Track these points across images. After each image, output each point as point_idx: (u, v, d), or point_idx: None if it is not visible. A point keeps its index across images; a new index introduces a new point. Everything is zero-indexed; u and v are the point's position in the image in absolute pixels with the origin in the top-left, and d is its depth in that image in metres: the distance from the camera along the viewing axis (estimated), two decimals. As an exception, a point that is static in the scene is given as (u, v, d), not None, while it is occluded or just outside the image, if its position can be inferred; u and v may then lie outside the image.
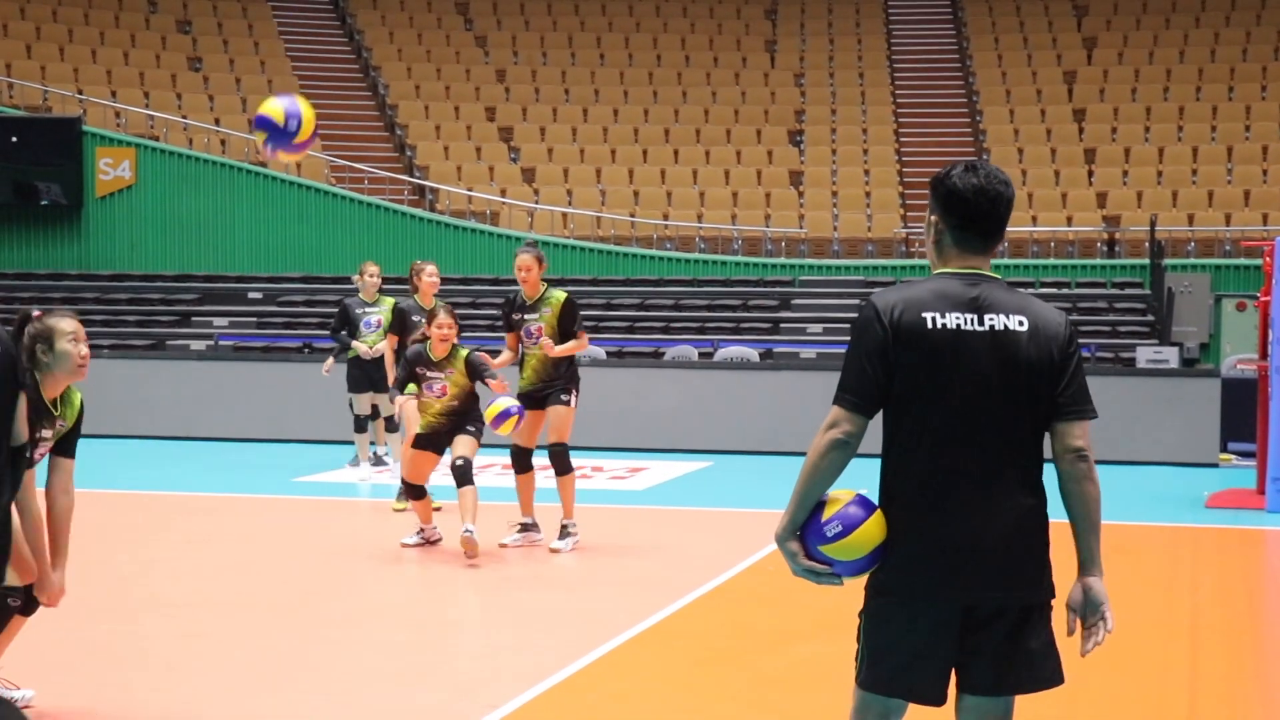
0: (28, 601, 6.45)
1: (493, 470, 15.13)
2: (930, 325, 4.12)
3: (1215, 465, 16.86)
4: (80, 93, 27.66)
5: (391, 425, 14.76)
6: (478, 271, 25.13)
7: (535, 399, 11.13)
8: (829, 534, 4.15)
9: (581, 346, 11.22)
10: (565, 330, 11.08)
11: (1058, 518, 4.25)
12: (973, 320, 4.14)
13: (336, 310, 15.06)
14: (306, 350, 21.82)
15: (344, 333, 14.69)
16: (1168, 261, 22.99)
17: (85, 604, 8.95)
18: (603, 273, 24.85)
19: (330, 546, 11.46)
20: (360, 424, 14.94)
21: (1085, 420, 4.18)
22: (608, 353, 20.50)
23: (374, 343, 14.52)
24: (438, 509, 12.45)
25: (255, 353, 20.70)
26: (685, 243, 26.09)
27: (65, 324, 6.27)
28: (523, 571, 10.38)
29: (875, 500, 4.22)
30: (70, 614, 8.27)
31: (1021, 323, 4.15)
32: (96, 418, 20.10)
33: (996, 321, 4.14)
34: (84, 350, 6.32)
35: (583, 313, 11.83)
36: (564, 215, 26.39)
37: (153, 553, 10.95)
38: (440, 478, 12.46)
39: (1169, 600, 9.90)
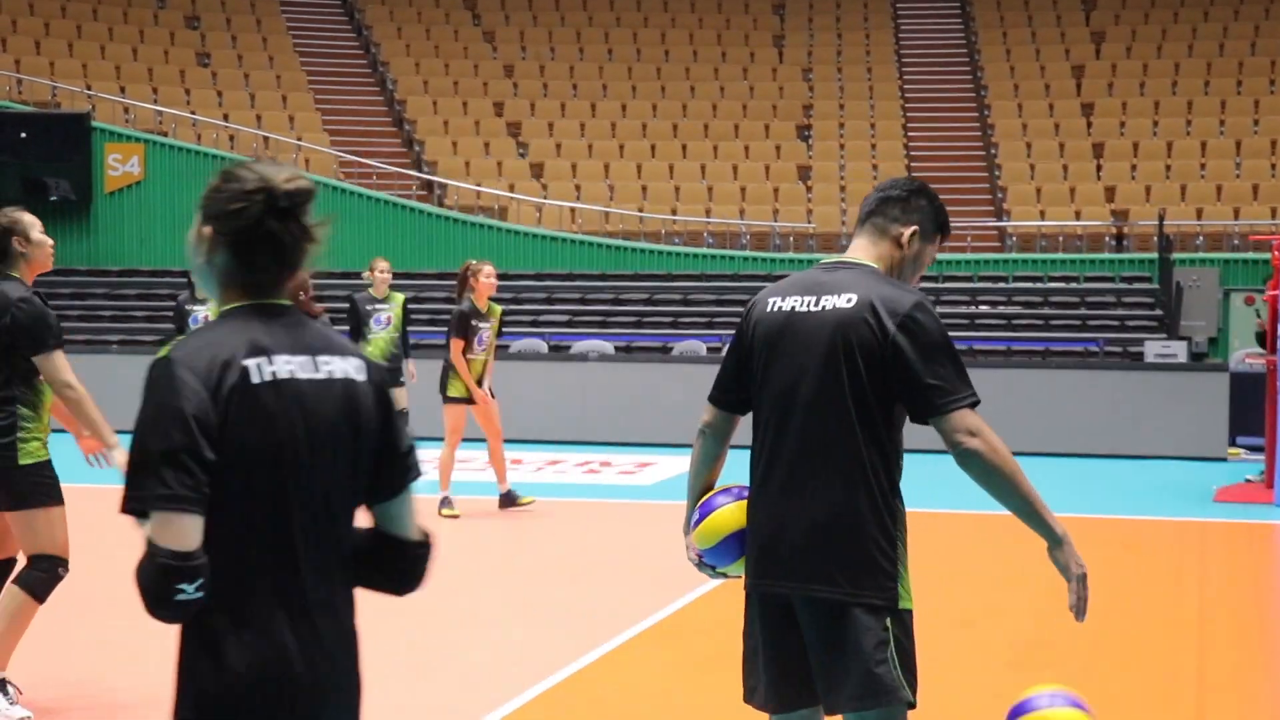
0: (43, 587, 6.50)
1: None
2: (768, 309, 4.04)
3: (1224, 459, 16.86)
4: (89, 89, 27.69)
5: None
6: (486, 267, 25.12)
7: None
8: (692, 522, 4.20)
9: None
10: None
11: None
12: (809, 303, 3.97)
13: (347, 306, 15.04)
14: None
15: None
16: (1176, 256, 22.96)
17: (91, 598, 8.97)
18: (610, 268, 24.84)
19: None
20: None
21: (951, 413, 3.81)
22: (616, 348, 20.51)
23: (386, 341, 14.52)
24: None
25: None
26: (693, 238, 26.08)
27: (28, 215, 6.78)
28: (531, 567, 10.39)
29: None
30: (75, 609, 8.30)
31: (850, 300, 3.91)
32: (105, 413, 20.04)
33: (828, 301, 3.94)
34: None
35: (592, 307, 11.87)
36: (572, 210, 26.39)
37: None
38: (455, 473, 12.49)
39: (1177, 595, 9.89)
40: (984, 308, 22.36)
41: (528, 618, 8.77)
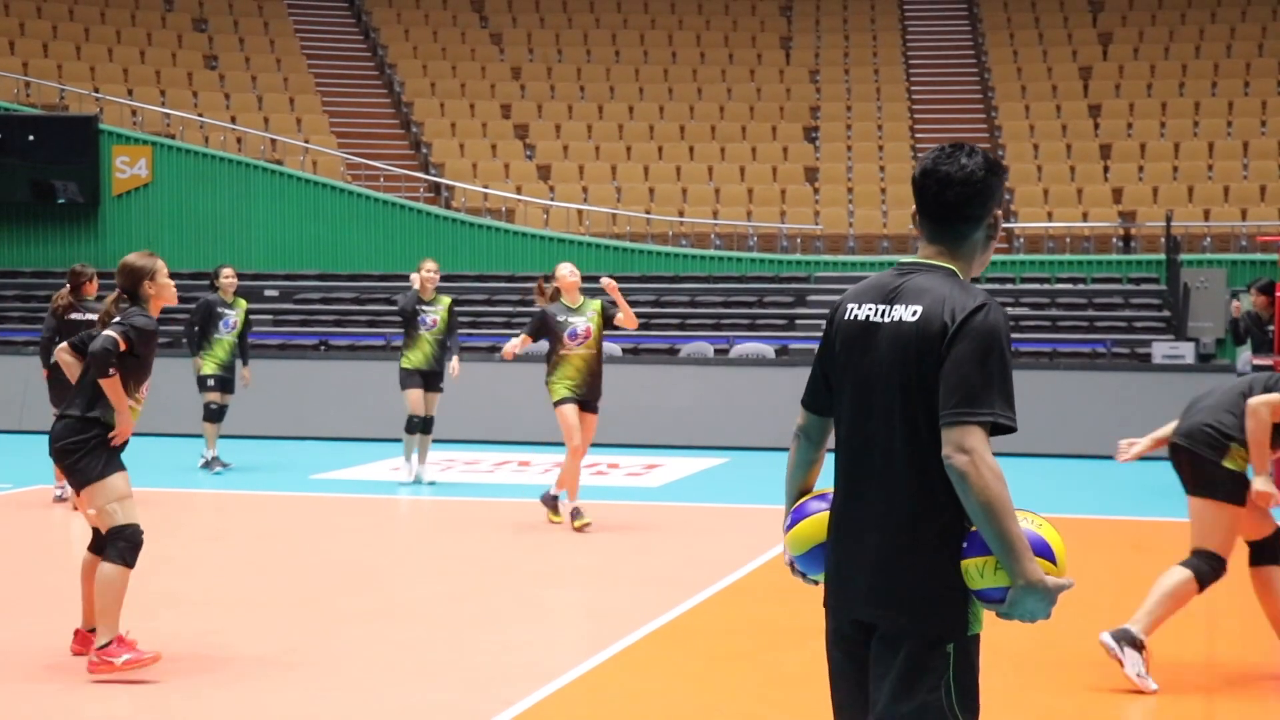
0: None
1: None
2: (847, 317, 3.89)
3: (1232, 461, 16.79)
4: (97, 91, 27.73)
5: (427, 426, 14.56)
6: (493, 269, 25.17)
7: None
8: (786, 525, 4.08)
9: None
10: None
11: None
12: (883, 312, 3.82)
13: (397, 308, 15.05)
14: (322, 348, 21.87)
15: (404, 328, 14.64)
16: (1183, 257, 22.95)
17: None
18: (618, 270, 24.85)
19: (347, 544, 11.49)
20: (411, 425, 14.71)
21: (954, 426, 3.63)
22: (623, 349, 20.52)
23: (432, 342, 14.42)
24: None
25: (271, 350, 20.75)
26: (701, 239, 26.09)
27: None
28: (538, 568, 10.40)
29: None
30: (89, 611, 8.30)
31: (915, 312, 3.75)
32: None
33: (898, 312, 3.78)
34: None
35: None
36: (579, 212, 26.41)
37: (169, 549, 10.97)
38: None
39: (1185, 596, 9.86)
40: (991, 309, 22.34)
41: (535, 619, 8.78)
